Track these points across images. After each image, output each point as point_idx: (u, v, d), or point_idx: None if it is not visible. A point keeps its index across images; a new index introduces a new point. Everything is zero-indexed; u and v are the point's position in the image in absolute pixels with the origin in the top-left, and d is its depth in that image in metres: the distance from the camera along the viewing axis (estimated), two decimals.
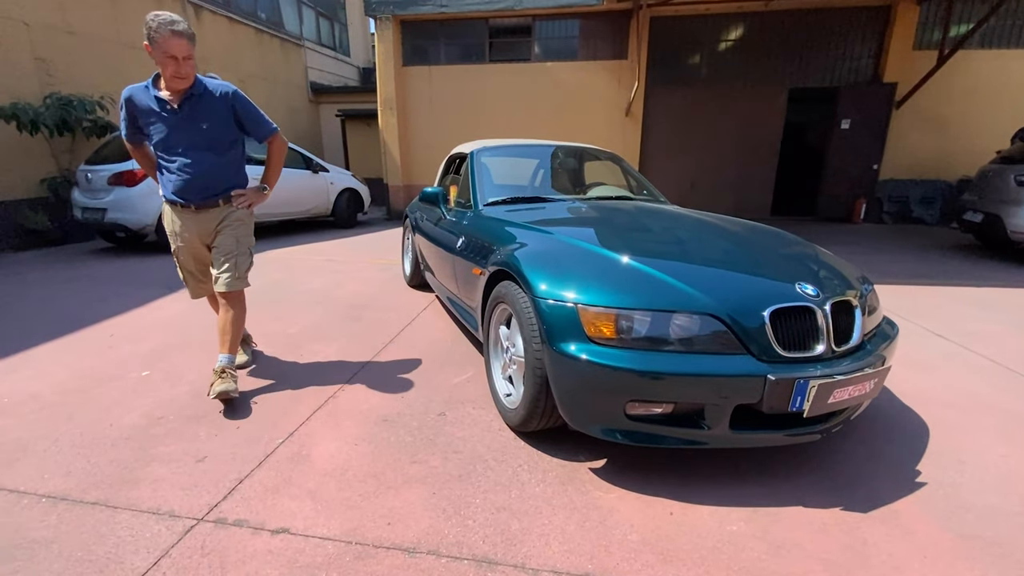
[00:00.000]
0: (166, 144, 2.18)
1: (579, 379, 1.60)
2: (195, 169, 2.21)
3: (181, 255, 2.38)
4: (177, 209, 2.28)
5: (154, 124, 2.15)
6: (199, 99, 2.16)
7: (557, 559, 1.40)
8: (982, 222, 5.41)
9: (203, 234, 2.32)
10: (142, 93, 2.14)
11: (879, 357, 1.70)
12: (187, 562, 1.38)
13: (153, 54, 2.01)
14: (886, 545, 1.46)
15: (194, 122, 2.17)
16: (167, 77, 2.07)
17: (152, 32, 1.98)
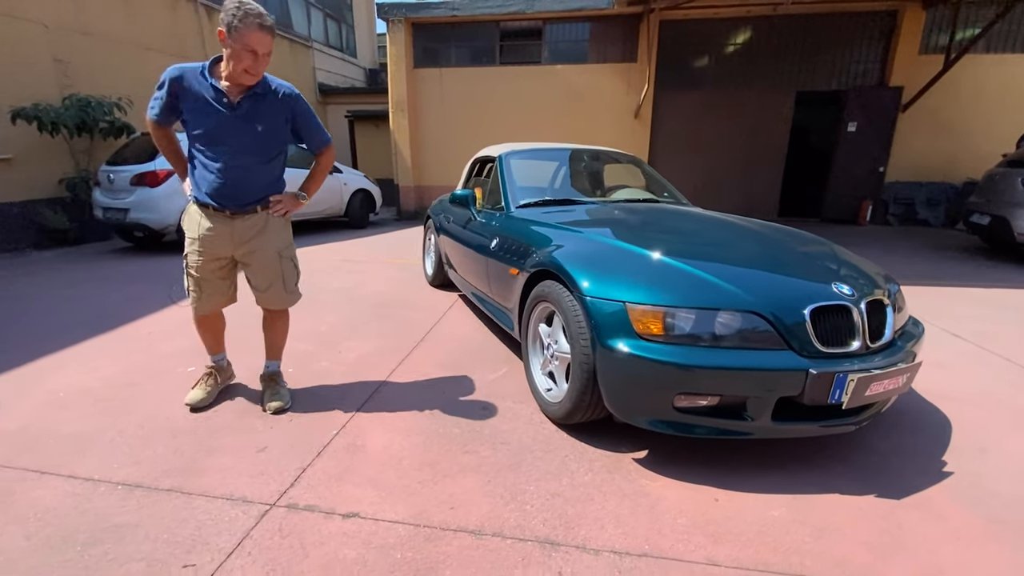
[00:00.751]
0: (212, 139, 1.96)
1: (629, 374, 1.69)
2: (239, 173, 2.01)
3: (199, 262, 2.10)
4: (208, 212, 2.04)
5: (202, 114, 1.93)
6: (260, 99, 1.97)
7: (614, 541, 1.49)
8: (989, 224, 5.51)
9: (236, 242, 2.09)
10: (196, 76, 1.91)
11: (909, 353, 1.79)
12: (269, 543, 1.47)
13: (228, 43, 1.82)
14: (920, 529, 1.55)
15: (249, 122, 1.97)
16: (237, 71, 1.86)
17: (235, 20, 1.78)
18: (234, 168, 2.01)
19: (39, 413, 2.20)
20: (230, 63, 1.87)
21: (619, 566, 1.40)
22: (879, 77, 8.09)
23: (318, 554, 1.43)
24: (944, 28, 7.54)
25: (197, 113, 1.94)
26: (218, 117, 1.94)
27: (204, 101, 1.92)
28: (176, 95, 1.93)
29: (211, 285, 2.17)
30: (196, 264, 2.11)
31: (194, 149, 2.01)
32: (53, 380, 2.53)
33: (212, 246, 2.08)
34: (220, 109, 1.93)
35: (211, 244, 2.08)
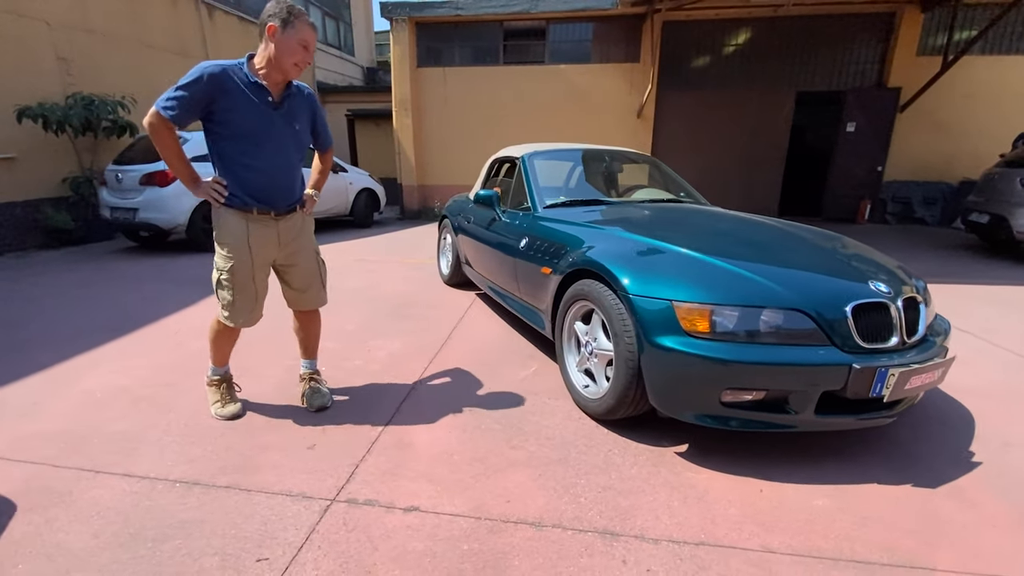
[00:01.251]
0: (254, 140, 1.90)
1: (677, 370, 1.74)
2: (284, 173, 2.00)
3: (245, 272, 2.01)
4: (252, 216, 1.97)
5: (246, 113, 1.85)
6: (295, 97, 1.98)
7: (671, 531, 1.54)
8: (988, 223, 5.65)
9: (282, 244, 2.07)
10: (237, 74, 1.84)
11: (942, 348, 1.87)
12: (336, 536, 1.50)
13: (280, 36, 1.80)
14: (958, 516, 1.62)
15: (289, 121, 1.97)
16: (287, 65, 1.84)
17: (290, 16, 1.80)
18: (279, 168, 1.98)
19: (80, 413, 2.21)
20: (279, 57, 1.83)
21: (679, 554, 1.45)
22: (877, 78, 8.23)
23: (387, 547, 1.47)
24: (942, 30, 7.68)
25: (240, 112, 1.85)
26: (264, 116, 1.89)
27: (248, 100, 1.85)
28: (213, 94, 1.81)
29: (251, 293, 2.07)
30: (243, 272, 2.01)
31: (232, 150, 1.90)
32: (87, 380, 2.54)
33: (259, 251, 2.02)
34: (265, 108, 1.89)
35: (258, 248, 2.01)
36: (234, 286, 2.02)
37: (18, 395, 2.38)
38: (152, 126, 1.83)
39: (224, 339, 2.20)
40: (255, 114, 1.88)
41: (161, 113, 1.79)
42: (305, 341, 2.36)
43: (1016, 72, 7.68)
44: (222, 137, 1.90)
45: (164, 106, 1.78)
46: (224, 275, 2.02)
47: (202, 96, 1.80)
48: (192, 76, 1.79)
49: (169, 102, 1.78)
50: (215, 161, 1.96)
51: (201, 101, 1.81)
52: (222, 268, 2.02)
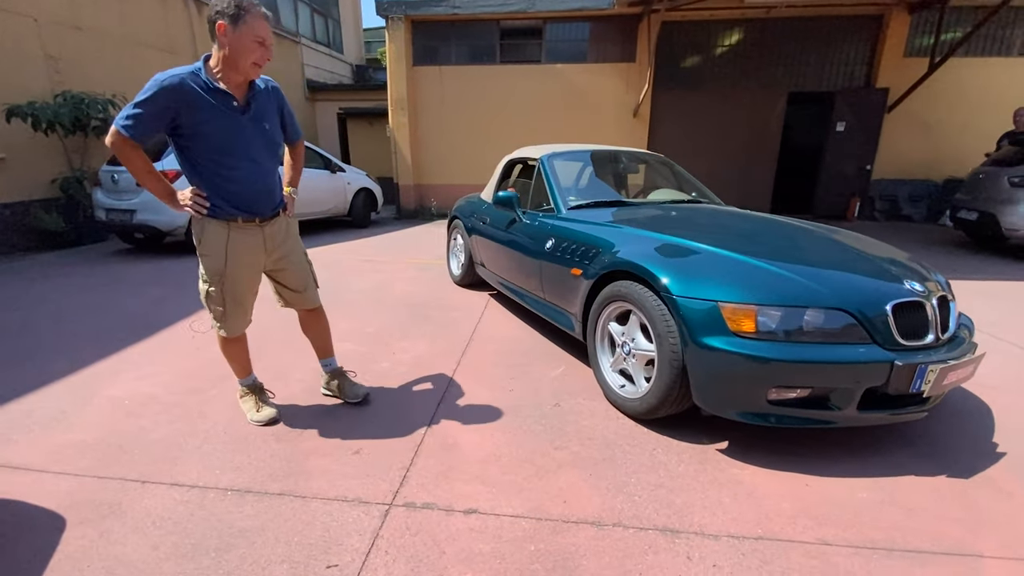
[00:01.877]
0: (228, 148, 1.81)
1: (725, 370, 1.78)
2: (261, 177, 1.92)
3: (235, 280, 1.96)
4: (237, 225, 1.91)
5: (213, 122, 1.76)
6: (258, 95, 1.88)
7: (728, 526, 1.58)
8: (977, 220, 5.84)
9: (269, 250, 2.02)
10: (195, 82, 1.72)
11: (972, 344, 1.94)
12: (402, 541, 1.51)
13: (231, 35, 1.69)
14: (995, 505, 1.69)
15: (258, 122, 1.87)
16: (245, 65, 1.75)
17: (240, 10, 1.69)
18: (256, 173, 1.90)
19: (111, 422, 2.17)
20: (234, 58, 1.73)
21: (740, 549, 1.49)
22: (866, 79, 8.43)
23: (454, 549, 1.48)
24: (928, 32, 7.90)
25: (207, 123, 1.76)
26: (232, 123, 1.80)
27: (212, 108, 1.75)
28: (176, 108, 1.70)
29: (245, 302, 2.04)
30: (232, 283, 1.96)
31: (206, 162, 1.81)
32: (111, 388, 2.49)
33: (248, 260, 1.97)
34: (232, 114, 1.80)
35: (246, 258, 1.96)
36: (224, 297, 1.97)
37: (43, 404, 2.32)
38: (114, 144, 1.74)
39: (234, 349, 2.17)
40: (223, 122, 1.78)
41: (120, 131, 1.70)
42: (318, 340, 2.36)
43: (999, 73, 7.94)
44: (192, 150, 1.81)
45: (123, 124, 1.69)
46: (212, 288, 1.96)
47: (161, 110, 1.70)
48: (149, 91, 1.68)
49: (127, 120, 1.69)
50: (189, 173, 1.87)
51: (161, 115, 1.71)
52: (209, 281, 1.95)
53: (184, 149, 1.82)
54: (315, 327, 2.35)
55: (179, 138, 1.79)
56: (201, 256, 1.94)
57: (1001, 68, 7.97)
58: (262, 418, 2.14)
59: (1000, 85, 7.92)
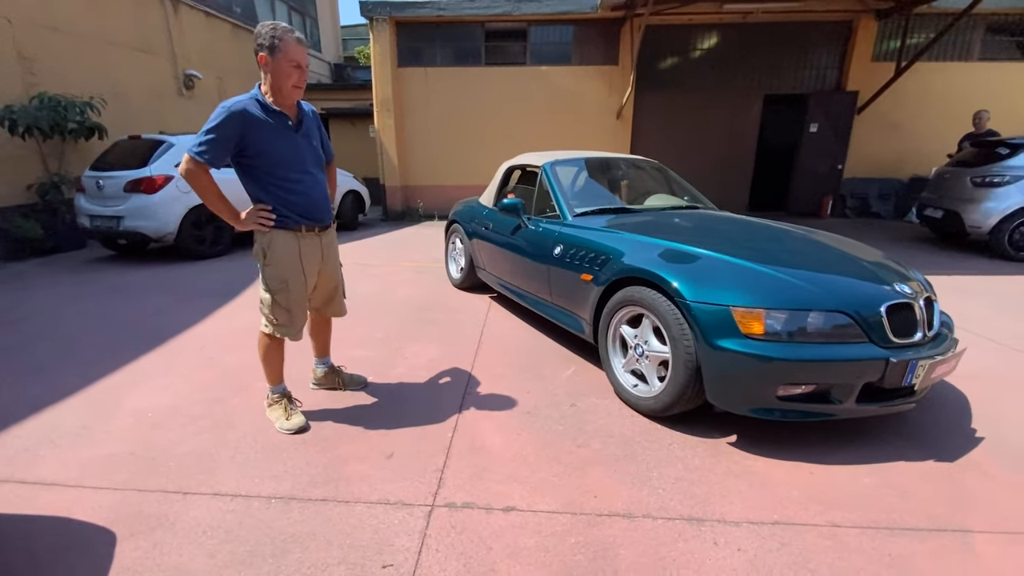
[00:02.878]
0: (291, 163, 2.02)
1: (738, 370, 1.93)
2: (318, 189, 2.14)
3: (300, 290, 2.13)
4: (302, 234, 2.09)
5: (275, 141, 1.96)
6: (306, 115, 2.11)
7: (747, 513, 1.73)
8: (942, 218, 6.20)
9: (324, 257, 2.21)
10: (255, 106, 1.92)
11: (955, 340, 2.14)
12: (450, 539, 1.60)
13: (271, 64, 1.89)
14: (980, 487, 1.88)
15: (308, 139, 2.10)
16: (287, 89, 1.94)
17: (275, 40, 1.87)
18: (314, 185, 2.12)
19: (138, 435, 2.19)
20: (278, 84, 1.93)
21: (760, 534, 1.63)
22: (837, 82, 8.80)
23: (500, 545, 1.58)
24: (895, 38, 8.29)
25: (270, 142, 1.95)
26: (291, 140, 2.01)
27: (274, 128, 1.96)
28: (243, 130, 1.89)
29: (306, 307, 2.23)
30: (298, 290, 2.13)
31: (272, 178, 2.01)
32: (131, 400, 2.49)
33: (311, 267, 2.16)
34: (288, 132, 2.00)
35: (310, 266, 2.15)
36: (291, 304, 2.13)
37: (63, 418, 2.32)
38: (190, 172, 1.91)
39: (276, 354, 2.27)
40: (283, 140, 1.99)
41: (197, 159, 1.87)
42: (322, 341, 2.56)
43: (961, 77, 8.40)
44: (258, 168, 1.99)
45: (198, 151, 1.87)
46: (280, 295, 2.11)
47: (232, 134, 1.88)
48: (219, 117, 1.86)
49: (201, 146, 1.86)
50: (255, 191, 2.04)
51: (232, 139, 1.89)
52: (277, 289, 2.10)
53: (250, 168, 2.00)
54: (325, 330, 2.55)
55: (244, 158, 1.97)
56: (265, 267, 2.09)
57: (962, 72, 8.43)
58: (292, 426, 2.20)
59: (961, 88, 8.38)
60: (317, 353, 2.58)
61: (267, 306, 2.13)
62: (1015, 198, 5.45)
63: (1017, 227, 5.52)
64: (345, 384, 2.60)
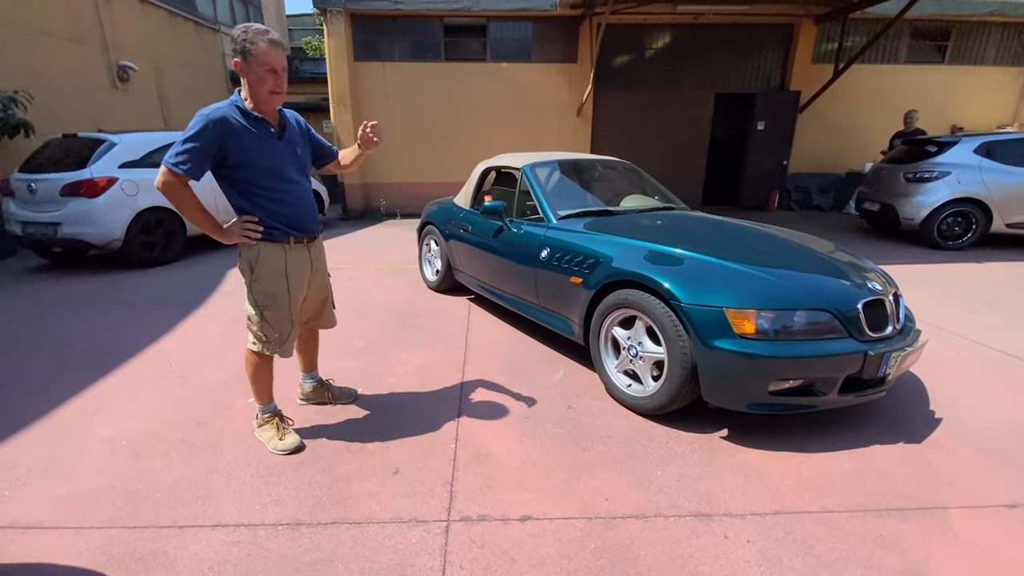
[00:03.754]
0: (275, 172, 1.91)
1: (734, 368, 2.02)
2: (305, 198, 2.04)
3: (293, 303, 2.04)
4: (290, 246, 2.00)
5: (258, 150, 1.86)
6: (289, 125, 2.00)
7: (749, 505, 1.82)
8: (879, 211, 6.70)
9: (313, 269, 2.13)
10: (235, 114, 1.81)
11: (918, 332, 2.33)
12: (472, 554, 1.60)
13: (246, 69, 1.78)
14: (945, 463, 2.07)
15: (292, 147, 1.99)
16: (263, 95, 1.82)
17: (247, 44, 1.76)
18: (301, 195, 2.02)
19: (116, 466, 2.04)
20: (255, 90, 1.82)
21: (765, 524, 1.73)
22: (781, 82, 9.29)
23: (523, 556, 1.59)
24: (833, 41, 8.84)
25: (253, 151, 1.85)
26: (274, 149, 1.91)
27: (256, 137, 1.85)
28: (224, 139, 1.78)
29: (296, 323, 2.12)
30: (290, 304, 2.04)
31: (256, 188, 1.90)
32: (99, 428, 2.31)
33: (300, 280, 2.07)
34: (271, 139, 1.90)
35: (299, 278, 2.06)
36: (280, 319, 2.04)
37: (24, 453, 2.12)
38: (167, 185, 1.79)
39: (266, 372, 2.17)
40: (267, 149, 1.89)
41: (175, 171, 1.75)
42: (309, 355, 2.48)
43: (890, 79, 9.08)
44: (241, 180, 1.89)
45: (175, 162, 1.75)
46: (269, 311, 2.01)
47: (212, 143, 1.77)
48: (198, 126, 1.75)
49: (180, 156, 1.75)
50: (240, 203, 1.93)
51: (212, 148, 1.78)
52: (266, 304, 2.01)
53: (233, 180, 1.89)
54: (312, 344, 2.48)
55: (226, 169, 1.86)
56: (254, 282, 1.98)
57: (891, 74, 9.11)
58: (287, 446, 2.11)
59: (890, 89, 9.06)
60: (304, 368, 2.49)
61: (255, 323, 2.03)
62: (942, 192, 5.96)
63: (944, 219, 6.05)
64: (335, 398, 2.52)
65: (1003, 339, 3.35)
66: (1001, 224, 5.98)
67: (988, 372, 2.91)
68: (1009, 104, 9.50)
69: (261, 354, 2.08)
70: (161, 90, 9.25)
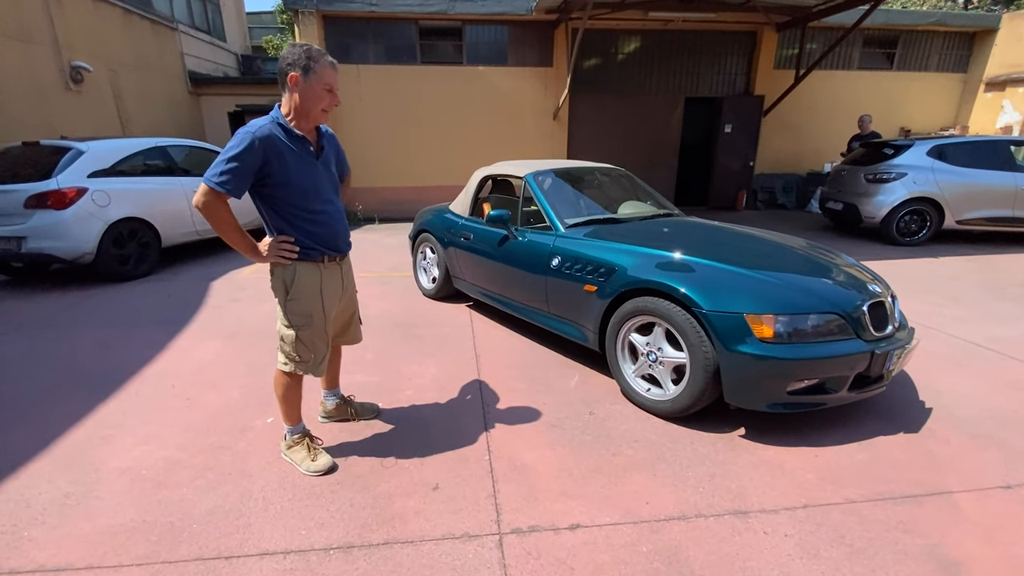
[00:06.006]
0: (311, 192, 1.90)
1: (757, 371, 2.13)
2: (340, 217, 2.04)
3: (327, 322, 2.03)
4: (324, 264, 1.99)
5: (297, 170, 1.84)
6: (326, 140, 2.01)
7: (779, 500, 1.93)
8: (842, 210, 7.11)
9: (345, 286, 2.13)
10: (278, 131, 1.80)
11: (912, 331, 2.52)
12: (531, 566, 1.63)
13: (303, 85, 1.78)
14: (942, 451, 2.25)
15: (328, 167, 1.99)
16: (315, 112, 1.85)
17: (310, 61, 1.77)
18: (335, 213, 2.03)
19: (140, 498, 1.96)
20: (307, 107, 1.82)
21: (797, 518, 1.84)
22: (745, 87, 9.70)
23: (581, 564, 1.64)
24: (793, 48, 9.30)
25: (293, 171, 1.83)
26: (313, 168, 1.90)
27: (297, 155, 1.84)
28: (267, 157, 1.76)
29: (327, 342, 2.08)
30: (325, 323, 2.02)
31: (294, 207, 1.88)
32: (113, 457, 2.21)
33: (333, 298, 2.07)
34: (311, 159, 1.90)
35: (333, 296, 2.06)
36: (315, 338, 2.03)
37: (36, 489, 2.01)
38: (207, 204, 1.75)
39: (296, 392, 2.15)
40: (306, 168, 1.88)
41: (218, 190, 1.72)
42: (334, 372, 2.45)
43: (844, 84, 9.64)
44: (280, 199, 1.86)
45: (218, 181, 1.71)
46: (303, 331, 1.99)
47: (255, 162, 1.75)
48: (242, 144, 1.71)
49: (222, 176, 1.71)
50: (273, 221, 1.91)
51: (255, 167, 1.75)
52: (301, 324, 1.99)
53: (271, 199, 1.87)
54: (336, 360, 2.45)
55: (265, 188, 1.84)
56: (289, 302, 1.96)
57: (845, 80, 9.66)
58: (320, 467, 2.08)
59: (845, 94, 9.61)
60: (326, 385, 2.45)
61: (289, 343, 2.00)
62: (900, 192, 6.39)
63: (902, 216, 6.49)
64: (358, 414, 2.49)
65: (970, 331, 3.65)
66: (952, 221, 6.46)
67: (962, 362, 3.17)
68: (951, 108, 10.25)
69: (293, 374, 2.04)
70: (117, 92, 8.75)
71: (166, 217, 5.31)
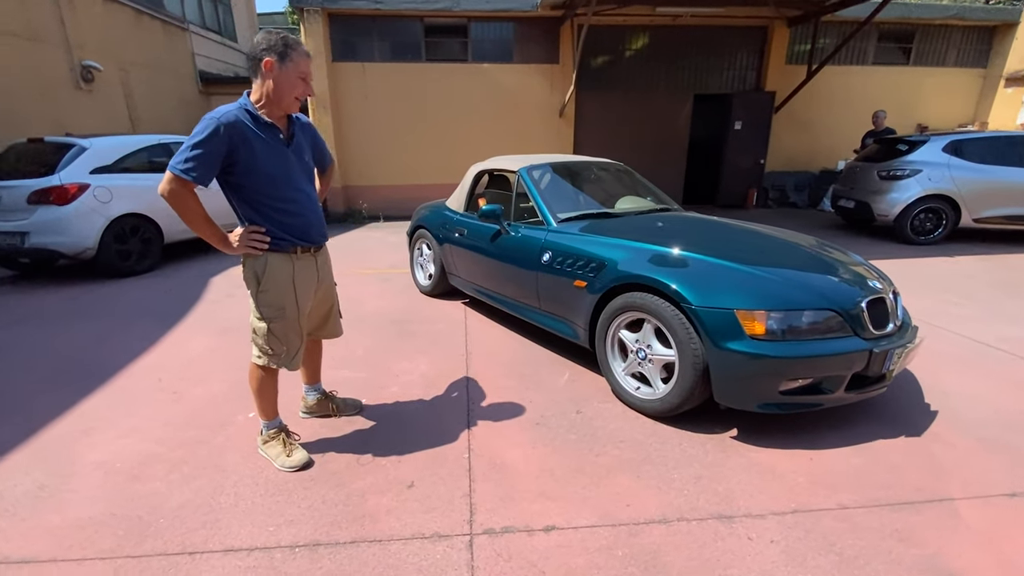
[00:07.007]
0: (282, 181, 1.85)
1: (747, 369, 2.04)
2: (312, 206, 1.98)
3: (300, 314, 1.98)
4: (296, 256, 1.95)
5: (265, 158, 1.79)
6: (298, 131, 1.94)
7: (767, 504, 1.84)
8: (854, 208, 6.92)
9: (320, 279, 2.07)
10: (245, 117, 1.74)
11: (916, 329, 2.40)
12: (500, 568, 1.57)
13: (278, 71, 1.73)
14: (947, 455, 2.14)
15: (300, 156, 1.94)
16: (288, 100, 1.79)
17: (287, 48, 1.73)
18: (307, 202, 1.97)
19: (114, 491, 1.94)
20: (280, 94, 1.77)
21: (785, 523, 1.75)
22: (756, 83, 9.51)
23: (552, 567, 1.57)
24: (806, 43, 9.10)
25: (261, 158, 1.79)
26: (282, 156, 1.85)
27: (264, 142, 1.79)
28: (233, 144, 1.71)
29: (301, 335, 2.03)
30: (298, 315, 1.98)
31: (262, 196, 1.84)
32: (91, 450, 2.20)
33: (307, 290, 2.02)
34: (281, 147, 1.85)
35: (306, 289, 2.01)
36: (287, 331, 1.98)
37: (11, 480, 2.00)
38: (172, 192, 1.71)
39: (271, 386, 2.11)
40: (275, 156, 1.83)
41: (182, 177, 1.67)
42: (313, 366, 2.40)
43: (861, 80, 9.40)
44: (248, 188, 1.82)
45: (183, 168, 1.67)
46: (275, 323, 1.95)
47: (221, 148, 1.70)
48: (207, 130, 1.67)
49: (188, 163, 1.67)
50: (242, 210, 1.87)
51: (220, 153, 1.71)
52: (273, 317, 1.95)
53: (239, 188, 1.82)
54: (316, 354, 2.40)
55: (232, 176, 1.79)
56: (260, 293, 1.92)
57: (860, 75, 9.42)
58: (295, 463, 2.04)
59: (859, 89, 9.38)
60: (307, 380, 2.41)
61: (261, 336, 1.95)
62: (914, 189, 6.20)
63: (917, 215, 6.29)
64: (339, 410, 2.45)
65: (981, 330, 3.50)
66: (969, 219, 6.25)
67: (972, 363, 3.03)
68: (969, 104, 9.95)
69: (267, 368, 2.01)
70: (127, 91, 8.88)
71: (168, 213, 5.31)
